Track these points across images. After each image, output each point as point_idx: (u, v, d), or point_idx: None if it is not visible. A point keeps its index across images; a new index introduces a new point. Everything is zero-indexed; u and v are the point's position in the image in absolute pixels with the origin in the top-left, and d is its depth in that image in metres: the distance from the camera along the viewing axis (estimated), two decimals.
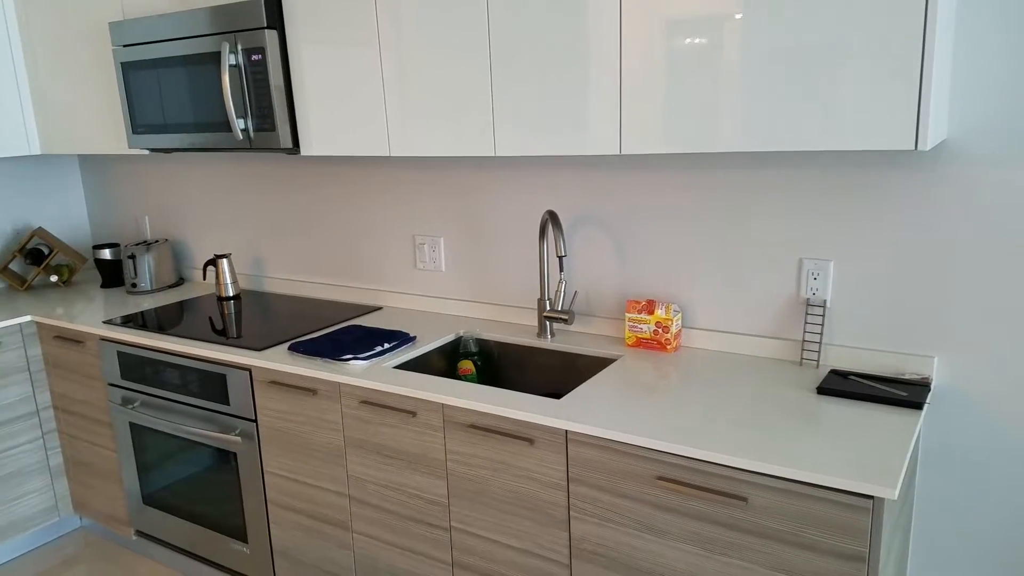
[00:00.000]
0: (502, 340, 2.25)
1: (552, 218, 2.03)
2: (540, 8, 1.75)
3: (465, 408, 1.80)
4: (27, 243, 3.16)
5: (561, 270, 2.06)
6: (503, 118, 1.86)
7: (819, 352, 1.87)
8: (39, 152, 2.98)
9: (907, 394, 1.66)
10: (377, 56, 2.02)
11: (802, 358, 1.90)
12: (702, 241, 2.01)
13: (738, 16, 1.52)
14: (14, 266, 3.23)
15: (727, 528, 1.49)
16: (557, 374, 2.16)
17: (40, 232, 3.18)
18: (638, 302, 2.03)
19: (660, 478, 1.55)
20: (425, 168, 2.46)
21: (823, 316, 1.86)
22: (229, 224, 3.03)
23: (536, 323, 2.32)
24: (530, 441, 1.72)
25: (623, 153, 1.73)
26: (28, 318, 2.74)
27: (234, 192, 2.97)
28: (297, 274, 2.89)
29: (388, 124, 2.05)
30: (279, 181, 2.83)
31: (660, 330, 2.00)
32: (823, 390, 1.71)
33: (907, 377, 1.77)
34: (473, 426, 1.80)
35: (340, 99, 2.12)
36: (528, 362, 2.21)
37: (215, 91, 2.26)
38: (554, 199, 2.22)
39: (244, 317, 2.60)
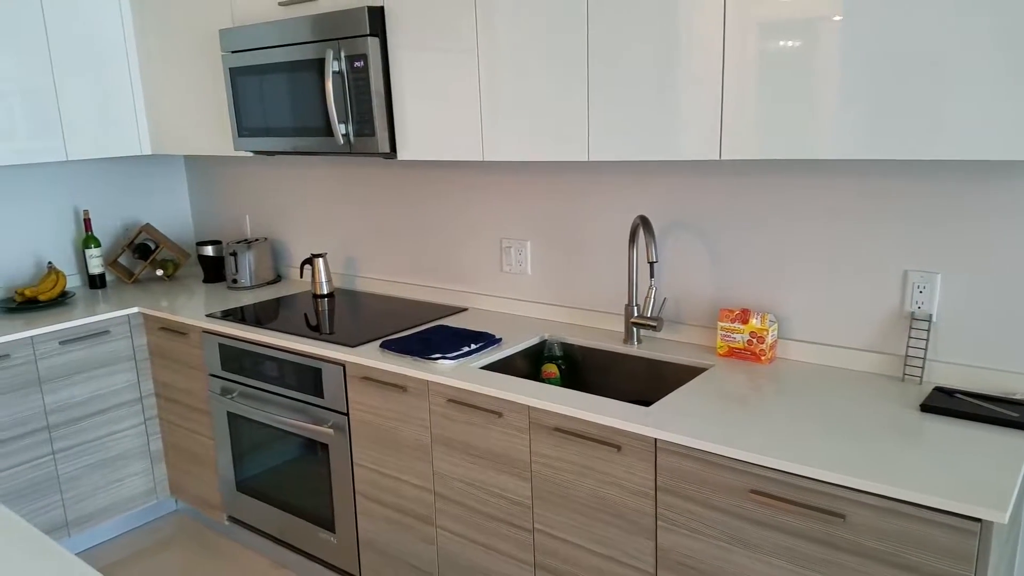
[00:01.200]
0: (587, 345, 2.25)
1: (644, 223, 2.02)
2: (641, 13, 1.75)
3: (551, 411, 1.81)
4: (135, 238, 3.35)
5: (652, 276, 2.05)
6: (598, 123, 1.87)
7: (923, 368, 1.80)
8: (149, 152, 3.16)
9: (1018, 415, 1.57)
10: (475, 62, 2.06)
11: (904, 374, 1.83)
12: (800, 250, 1.96)
13: (846, 20, 1.49)
14: (123, 260, 3.43)
15: (823, 545, 1.45)
16: (643, 381, 2.14)
17: (147, 228, 3.37)
18: (732, 311, 2.00)
19: (754, 491, 1.52)
20: (514, 172, 2.49)
21: (928, 331, 1.79)
22: (325, 224, 3.14)
23: (622, 329, 2.31)
24: (617, 448, 1.72)
25: (722, 159, 1.71)
26: (136, 309, 2.90)
27: (331, 194, 3.07)
28: (387, 274, 2.97)
29: (483, 129, 2.09)
30: (373, 184, 2.91)
31: (754, 340, 1.96)
32: (927, 407, 1.64)
33: (1018, 397, 1.68)
34: (559, 429, 1.81)
35: (437, 104, 2.17)
36: (613, 368, 2.20)
37: (318, 96, 2.35)
38: (645, 204, 2.21)
39: (337, 314, 2.69)
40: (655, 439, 1.65)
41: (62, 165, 3.22)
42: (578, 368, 2.28)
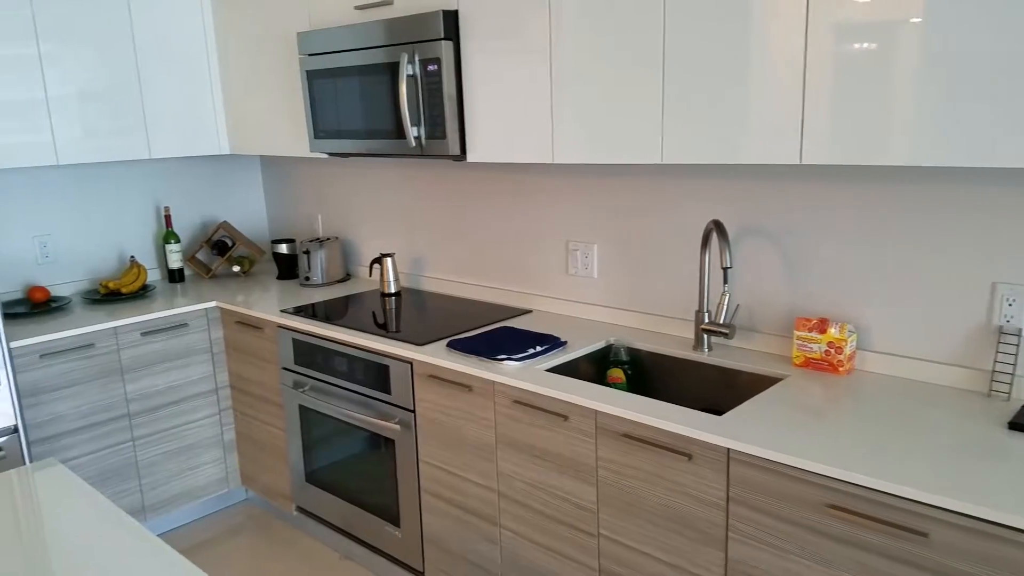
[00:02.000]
0: (654, 350, 2.23)
1: (718, 228, 1.99)
2: (719, 13, 1.72)
3: (620, 417, 1.79)
4: (213, 235, 3.47)
5: (725, 282, 2.01)
6: (673, 126, 1.85)
7: (1011, 384, 1.72)
8: (228, 152, 3.27)
9: None
10: (547, 64, 2.06)
11: (991, 389, 1.75)
12: (882, 258, 1.90)
13: (929, 22, 1.43)
14: (201, 255, 3.56)
15: (902, 563, 1.40)
16: (714, 390, 2.11)
17: (225, 226, 3.48)
18: (809, 320, 1.95)
19: (830, 505, 1.48)
20: (581, 174, 2.48)
21: (1017, 345, 1.71)
22: (393, 224, 3.19)
23: (692, 335, 2.28)
24: (688, 456, 1.69)
25: (803, 163, 1.67)
26: (213, 304, 3.01)
27: (399, 195, 3.12)
28: (452, 274, 3.00)
29: (553, 132, 2.09)
30: (442, 186, 2.94)
31: (832, 350, 1.91)
32: (1016, 425, 1.57)
33: None
34: (627, 435, 1.80)
35: (507, 107, 2.18)
36: (682, 375, 2.18)
37: (391, 100, 2.38)
38: (718, 208, 2.17)
39: (404, 313, 2.73)
40: (728, 449, 1.62)
41: (145, 163, 3.36)
42: (645, 374, 2.26)
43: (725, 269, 1.98)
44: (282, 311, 2.80)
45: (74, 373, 2.68)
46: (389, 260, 2.99)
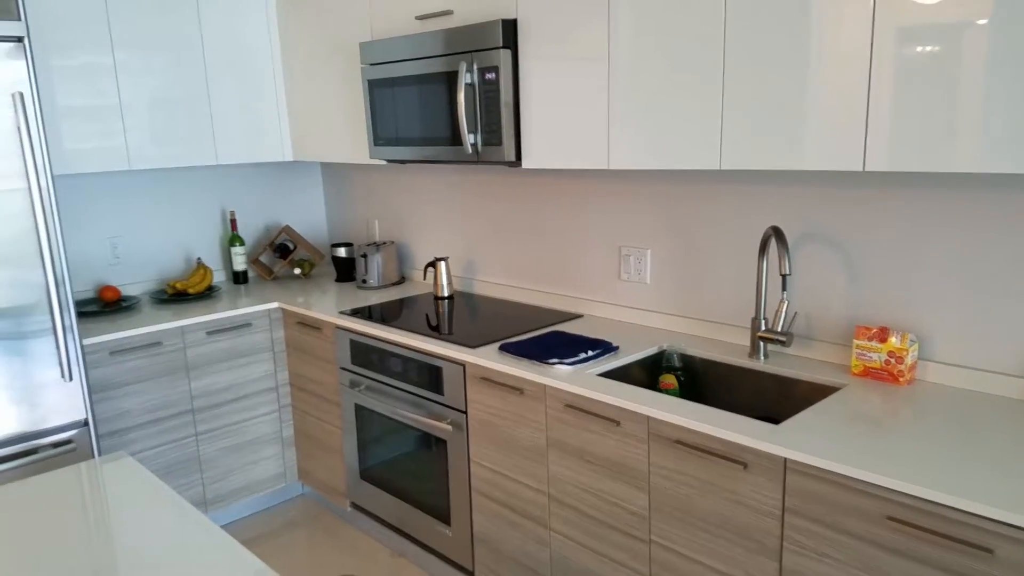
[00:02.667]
0: (708, 357, 2.21)
1: (776, 234, 1.97)
2: (782, 16, 1.71)
3: (674, 423, 1.79)
4: (276, 239, 3.57)
5: (784, 289, 1.99)
6: (732, 131, 1.84)
7: None
8: (291, 159, 3.37)
9: None
10: (605, 71, 2.07)
11: None
12: (945, 267, 1.85)
13: (999, 24, 1.40)
14: (263, 258, 3.67)
15: None
16: (769, 398, 2.08)
17: (287, 229, 3.59)
18: (869, 328, 1.91)
19: (891, 518, 1.45)
20: (635, 180, 2.48)
21: None
22: (447, 229, 3.24)
23: (747, 342, 2.26)
24: (743, 465, 1.68)
25: (866, 170, 1.64)
26: (275, 305, 3.10)
27: (453, 200, 3.17)
28: (505, 278, 3.02)
29: (610, 138, 2.10)
30: (496, 191, 2.98)
31: (893, 360, 1.87)
32: None
33: None
34: (680, 442, 1.79)
35: (564, 114, 2.20)
36: (736, 382, 2.16)
37: (449, 107, 2.43)
38: (776, 214, 2.15)
39: (457, 316, 2.77)
40: (785, 459, 1.60)
41: (212, 168, 3.48)
42: (698, 381, 2.25)
43: (784, 276, 1.95)
44: (340, 312, 2.87)
45: (142, 370, 2.80)
46: (443, 264, 3.04)
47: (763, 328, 2.10)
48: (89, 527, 1.41)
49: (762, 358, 2.12)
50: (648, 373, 2.26)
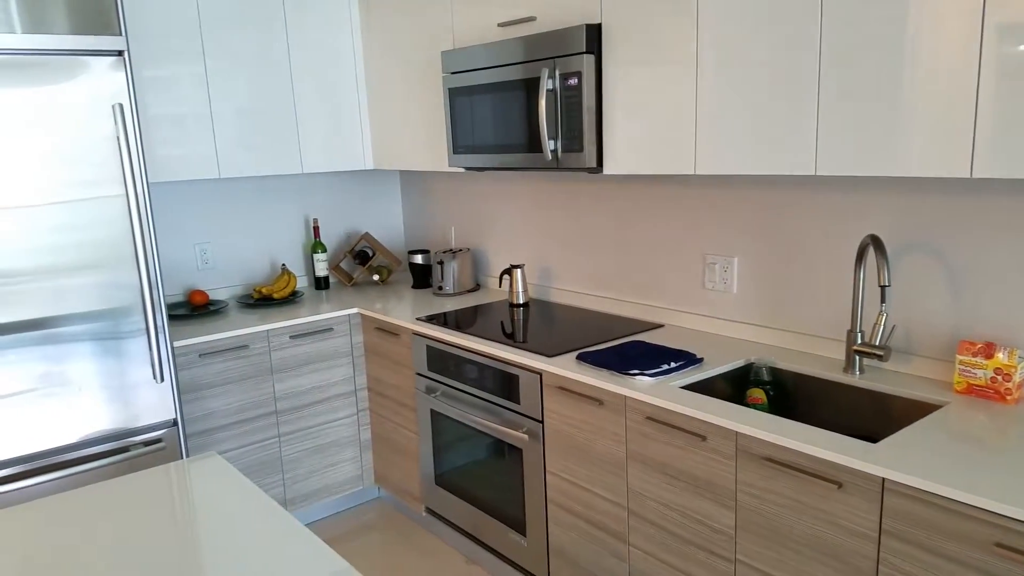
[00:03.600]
0: (799, 371, 2.13)
1: (875, 243, 1.88)
2: (882, 17, 1.63)
3: (763, 440, 1.72)
4: (356, 245, 3.64)
5: (883, 301, 1.89)
6: (829, 135, 1.77)
7: None
8: (372, 167, 3.43)
9: None
10: (692, 75, 2.03)
11: None
12: None
13: None
14: (344, 264, 3.74)
15: None
16: (865, 415, 1.98)
17: (367, 236, 3.65)
18: (973, 343, 1.80)
19: (999, 545, 1.35)
20: (720, 186, 2.41)
21: None
22: (522, 236, 3.23)
23: (842, 356, 2.16)
24: (838, 484, 1.60)
25: (974, 176, 1.55)
26: (355, 310, 3.15)
27: (530, 207, 3.16)
28: (582, 286, 2.99)
29: (696, 142, 2.05)
30: (574, 198, 2.95)
31: (999, 377, 1.75)
32: None
33: None
34: (770, 459, 1.72)
35: (648, 119, 2.16)
36: (829, 398, 2.06)
37: (530, 114, 2.42)
38: (875, 222, 2.05)
39: (532, 324, 2.75)
40: (883, 479, 1.52)
41: (296, 177, 3.57)
42: (788, 396, 2.16)
43: (883, 287, 1.86)
44: (417, 319, 2.89)
45: (229, 372, 2.88)
46: (519, 271, 3.03)
47: (859, 341, 2.01)
48: (182, 522, 1.45)
49: (857, 373, 2.02)
50: (734, 387, 2.19)
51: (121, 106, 2.40)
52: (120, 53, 2.40)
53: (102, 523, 1.47)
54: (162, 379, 2.60)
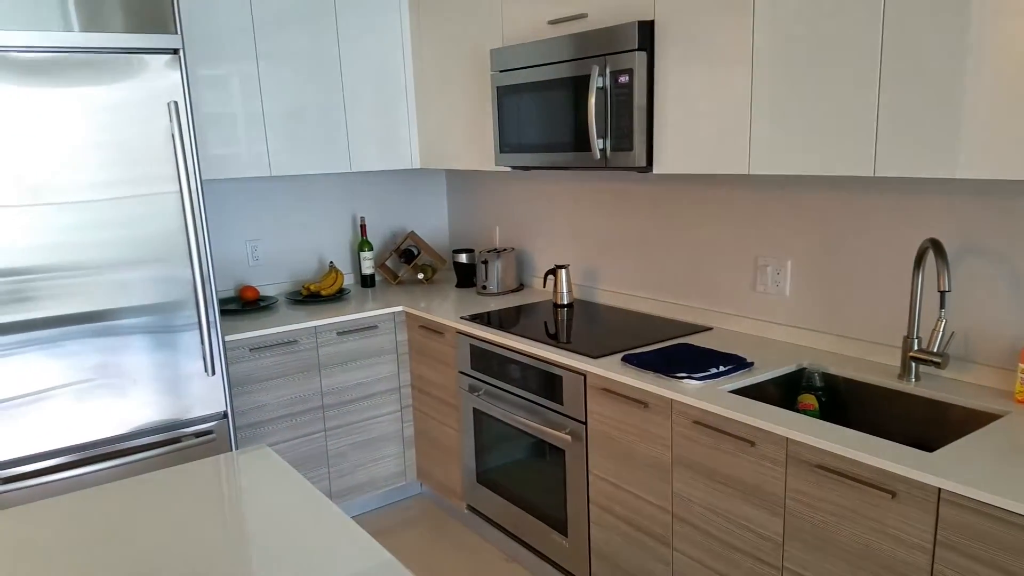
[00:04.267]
0: (853, 377, 2.08)
1: (935, 247, 1.82)
2: (946, 11, 1.58)
3: (815, 447, 1.69)
4: (401, 244, 3.67)
5: (942, 307, 1.84)
6: (889, 135, 1.72)
7: None
8: (418, 166, 3.45)
9: None
10: (748, 73, 1.99)
11: None
12: None
13: None
14: (389, 263, 3.78)
15: None
16: (920, 424, 1.93)
17: (412, 235, 3.68)
18: None
19: None
20: (774, 187, 2.37)
21: None
22: (567, 236, 3.22)
23: (897, 363, 2.10)
24: (892, 494, 1.56)
25: None
26: (400, 308, 3.18)
27: (577, 208, 3.15)
28: (627, 287, 2.97)
29: (751, 142, 2.02)
30: (622, 198, 2.93)
31: None
32: None
33: None
34: (822, 467, 1.69)
35: (701, 117, 2.13)
36: (883, 405, 2.01)
37: (578, 113, 2.41)
38: (934, 226, 1.99)
39: (576, 324, 2.74)
40: (939, 489, 1.47)
41: (343, 176, 3.62)
42: (840, 402, 2.11)
43: (942, 292, 1.80)
44: (461, 318, 2.90)
45: (278, 367, 2.93)
46: (563, 272, 3.02)
47: (916, 348, 1.95)
48: (232, 512, 1.48)
49: (913, 380, 1.97)
50: (784, 392, 2.15)
51: (176, 104, 2.45)
52: (176, 51, 2.45)
53: (156, 510, 1.50)
54: (213, 372, 2.65)
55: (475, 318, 2.89)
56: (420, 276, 3.62)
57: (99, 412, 2.47)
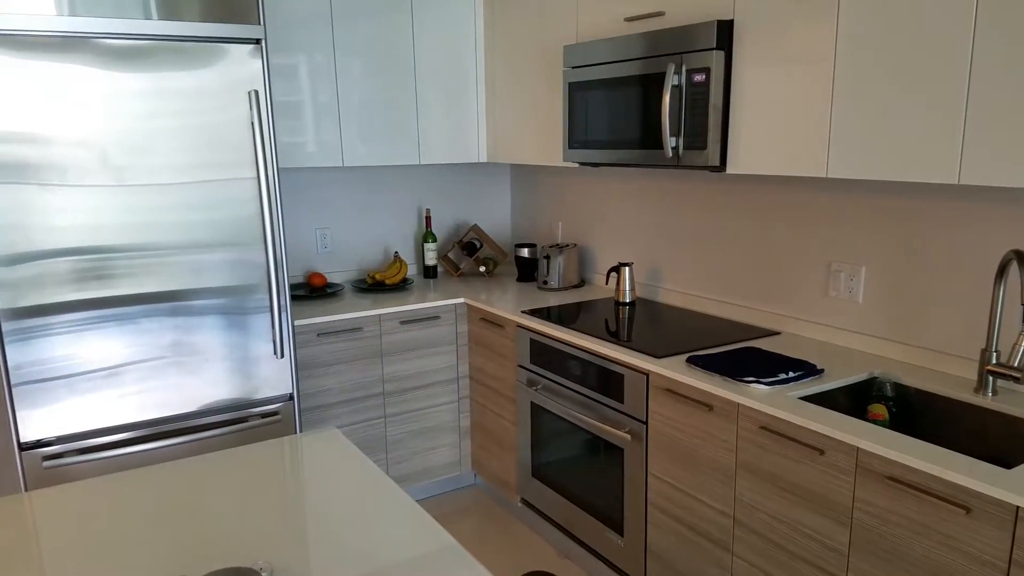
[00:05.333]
0: (926, 389, 2.02)
1: (1019, 258, 1.76)
2: None
3: (888, 458, 1.65)
4: (464, 237, 3.71)
5: None
6: (975, 143, 1.67)
7: None
8: (485, 160, 3.48)
9: None
10: (829, 75, 1.95)
11: None
12: None
13: None
14: (451, 255, 3.82)
15: None
16: (994, 439, 1.87)
17: (475, 229, 3.71)
18: None
19: None
20: (851, 191, 2.31)
21: None
22: (631, 234, 3.20)
23: (973, 376, 2.04)
24: (966, 509, 1.52)
25: None
26: (461, 300, 3.22)
27: (643, 206, 3.13)
28: (692, 288, 2.94)
29: (830, 145, 1.98)
30: (691, 197, 2.90)
31: None
32: None
33: None
34: (892, 478, 1.65)
35: (779, 118, 2.10)
36: (956, 419, 1.95)
37: (651, 110, 2.40)
38: (1018, 237, 1.92)
39: (638, 323, 2.73)
40: (1017, 507, 1.43)
41: (411, 168, 3.67)
42: (911, 413, 2.06)
43: None
44: (522, 312, 2.92)
45: (343, 352, 3.00)
46: (627, 269, 3.01)
47: (994, 361, 1.89)
48: (303, 491, 1.52)
49: (990, 394, 1.90)
50: (854, 401, 2.11)
51: (256, 92, 2.52)
52: (258, 41, 2.52)
53: (229, 486, 1.56)
54: (282, 355, 2.73)
55: (536, 312, 2.91)
56: (482, 269, 3.66)
57: (171, 389, 2.56)
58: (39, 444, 2.39)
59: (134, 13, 2.31)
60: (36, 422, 2.37)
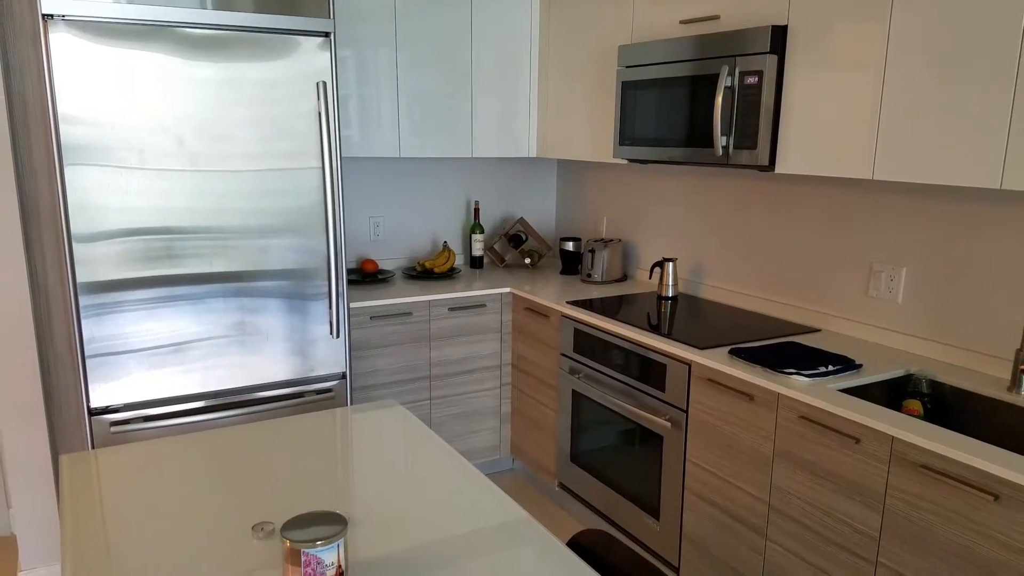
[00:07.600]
0: (961, 386, 2.09)
1: None
2: None
3: (921, 447, 1.73)
4: (510, 229, 3.83)
5: None
6: (1019, 148, 1.74)
7: None
8: (534, 155, 3.60)
9: None
10: (879, 81, 2.03)
11: None
12: None
13: None
14: (497, 246, 3.94)
15: None
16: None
17: (521, 221, 3.83)
18: None
19: None
20: (895, 193, 2.39)
21: None
22: (676, 230, 3.29)
23: (1008, 375, 2.11)
24: (995, 497, 1.60)
25: None
26: (507, 290, 3.33)
27: (689, 203, 3.22)
28: (734, 284, 3.02)
29: (877, 148, 2.06)
30: (737, 196, 2.99)
31: None
32: None
33: None
34: (926, 467, 1.73)
35: (829, 121, 2.18)
36: (989, 417, 2.02)
37: (702, 110, 2.49)
38: None
39: (681, 316, 2.82)
40: None
41: (462, 161, 3.80)
42: (945, 410, 2.13)
43: None
44: (567, 302, 3.03)
45: (393, 336, 3.14)
46: (671, 264, 3.10)
47: None
48: (374, 459, 1.65)
49: (1023, 392, 1.98)
50: (890, 396, 2.18)
51: (324, 84, 2.64)
52: (327, 34, 2.64)
53: (297, 447, 1.69)
54: (337, 336, 2.87)
55: (580, 304, 3.01)
56: (527, 260, 3.77)
57: (234, 367, 2.69)
58: (107, 410, 2.54)
59: (212, 3, 2.43)
60: (105, 390, 2.51)
